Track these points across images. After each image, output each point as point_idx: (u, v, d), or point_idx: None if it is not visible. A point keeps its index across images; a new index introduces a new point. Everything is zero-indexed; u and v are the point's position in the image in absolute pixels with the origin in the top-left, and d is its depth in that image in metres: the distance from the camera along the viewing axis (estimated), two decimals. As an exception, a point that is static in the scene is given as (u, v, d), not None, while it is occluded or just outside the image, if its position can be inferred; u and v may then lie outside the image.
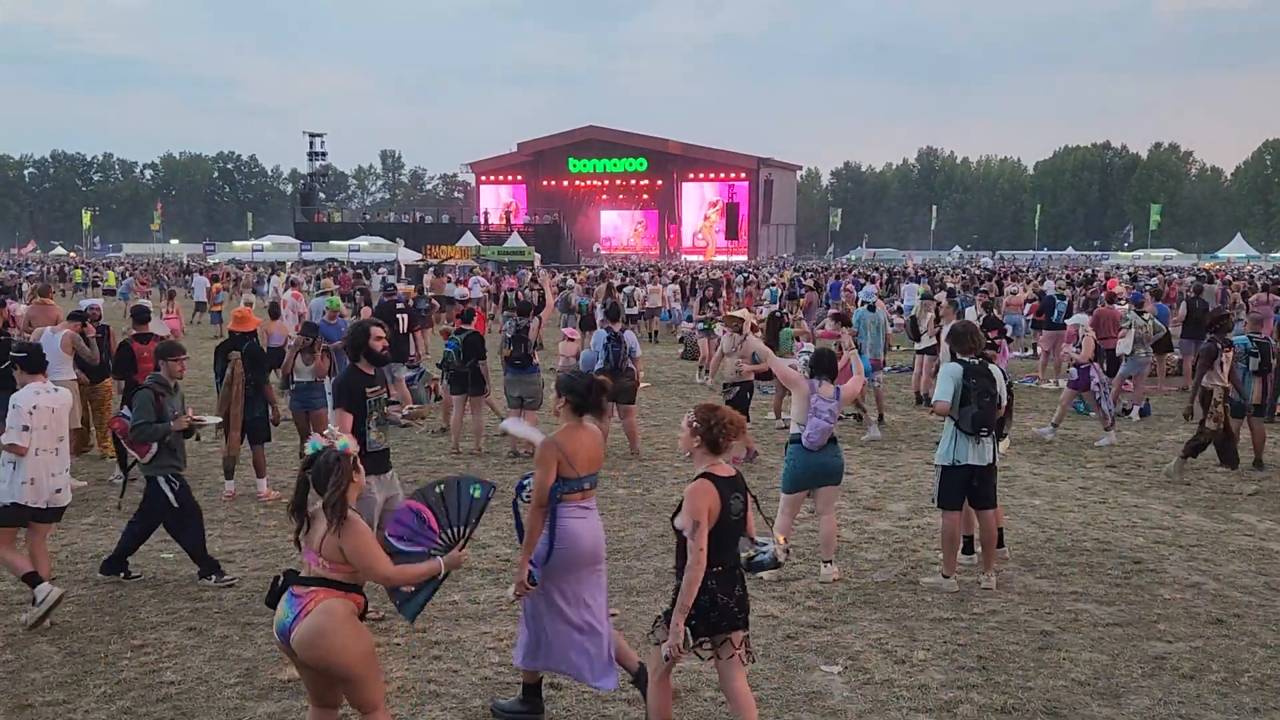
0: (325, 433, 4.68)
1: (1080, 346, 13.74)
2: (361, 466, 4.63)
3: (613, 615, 7.13)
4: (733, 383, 12.39)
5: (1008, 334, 16.57)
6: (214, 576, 7.74)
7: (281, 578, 4.55)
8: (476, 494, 4.94)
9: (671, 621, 4.68)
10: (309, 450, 4.59)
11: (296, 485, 4.58)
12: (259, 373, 10.45)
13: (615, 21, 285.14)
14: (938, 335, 16.77)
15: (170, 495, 7.69)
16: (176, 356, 8.22)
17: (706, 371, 18.02)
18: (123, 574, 7.81)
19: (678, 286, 34.16)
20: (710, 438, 4.84)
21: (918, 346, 17.28)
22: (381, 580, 4.55)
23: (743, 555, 4.94)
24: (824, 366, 7.94)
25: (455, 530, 4.92)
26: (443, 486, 5.00)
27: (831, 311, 15.64)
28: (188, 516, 7.78)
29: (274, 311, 16.17)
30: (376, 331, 7.11)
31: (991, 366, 7.73)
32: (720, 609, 4.73)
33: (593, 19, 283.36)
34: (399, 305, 15.11)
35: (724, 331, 13.21)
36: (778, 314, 19.53)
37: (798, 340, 16.62)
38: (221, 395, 10.24)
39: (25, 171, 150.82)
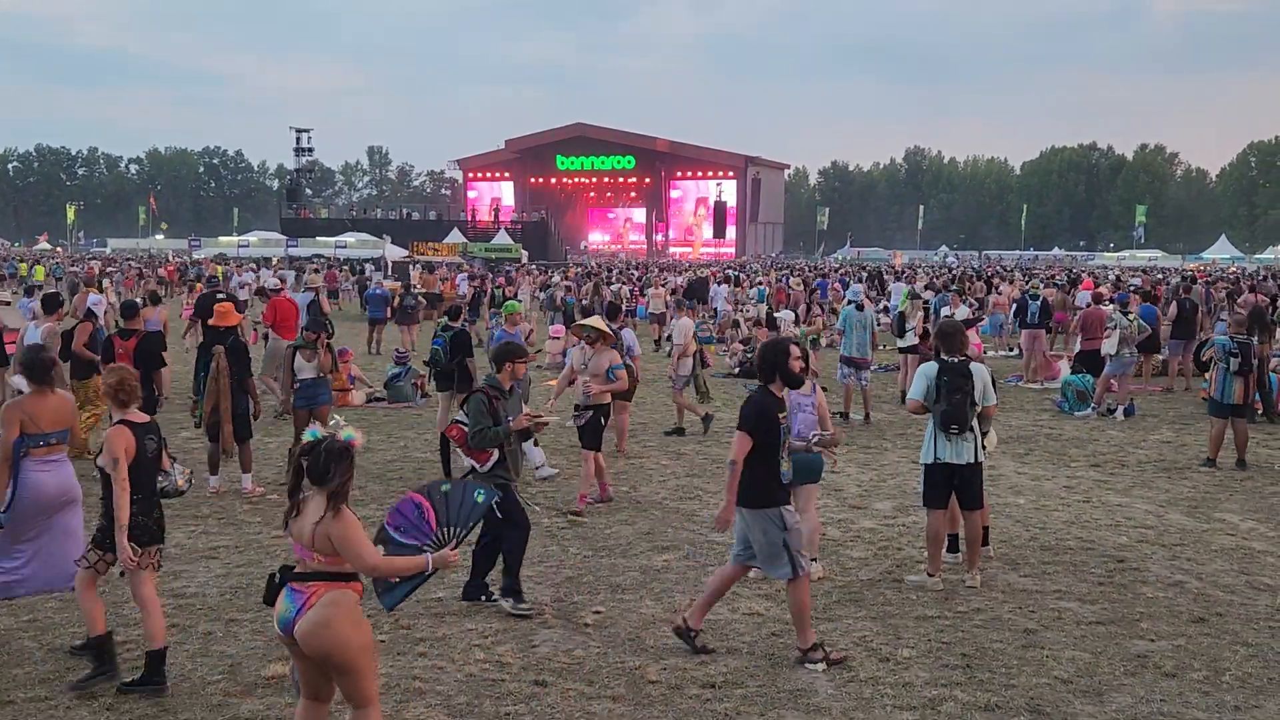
0: (330, 423, 4.67)
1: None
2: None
3: (597, 613, 7.14)
4: (585, 405, 9.99)
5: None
6: (511, 600, 7.07)
7: (278, 574, 4.55)
8: (480, 499, 5.03)
9: (117, 541, 5.68)
10: (308, 437, 4.57)
11: (293, 470, 4.60)
12: (242, 368, 10.38)
13: (605, 19, 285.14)
14: (923, 334, 16.89)
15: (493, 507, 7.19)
16: (520, 358, 7.73)
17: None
18: (484, 597, 7.24)
19: (729, 286, 32.08)
20: (118, 399, 5.93)
21: (900, 344, 17.37)
22: (368, 570, 4.56)
23: (158, 484, 6.04)
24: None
25: (450, 530, 4.95)
26: (448, 486, 5.09)
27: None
28: (514, 529, 7.27)
29: (154, 298, 16.77)
30: (795, 350, 6.52)
31: (973, 365, 7.76)
32: (142, 527, 5.80)
33: (582, 17, 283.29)
34: (219, 296, 15.82)
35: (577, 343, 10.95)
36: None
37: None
38: (209, 390, 10.20)
39: (9, 165, 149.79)
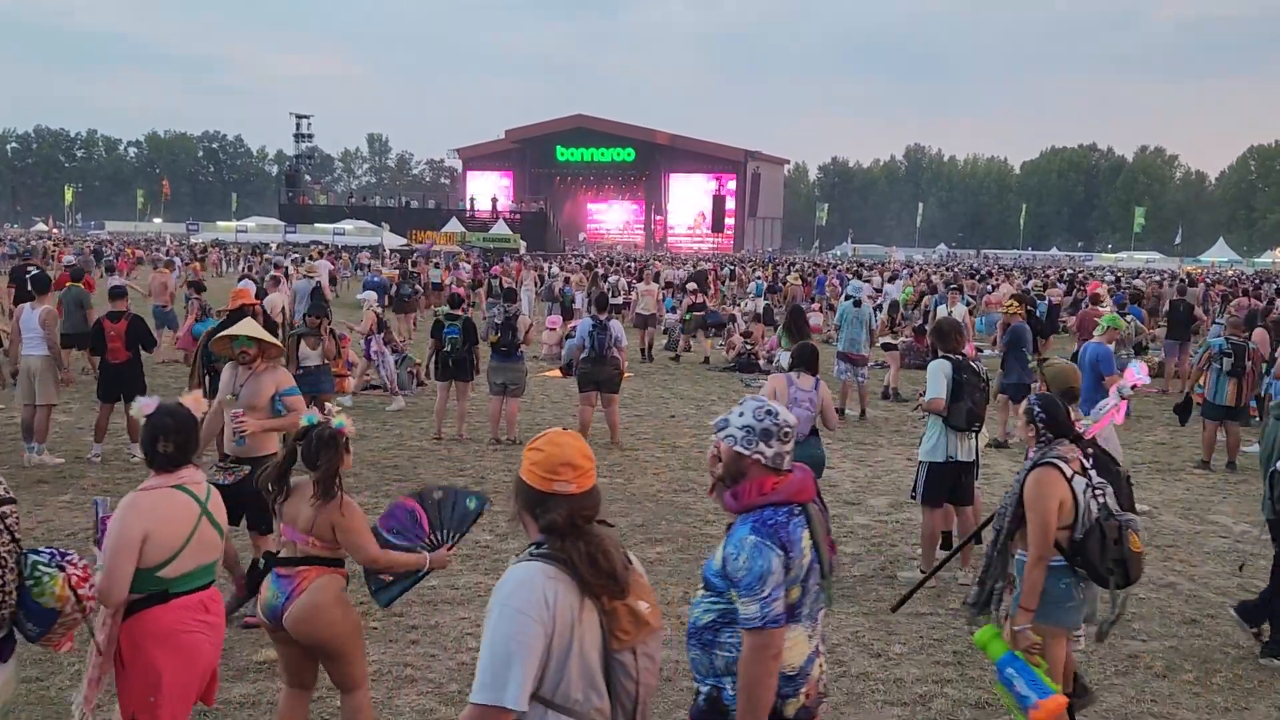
0: (326, 410, 4.71)
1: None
2: (351, 448, 4.61)
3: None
4: (236, 459, 6.69)
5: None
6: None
7: (262, 561, 4.60)
8: (471, 505, 4.96)
9: None
10: (303, 423, 4.60)
11: (284, 454, 4.61)
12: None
13: (606, 11, 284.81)
14: (914, 332, 17.07)
15: None
16: None
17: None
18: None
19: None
20: None
21: (883, 340, 17.49)
22: (368, 562, 4.55)
23: None
24: (805, 359, 7.99)
25: (445, 534, 4.91)
26: (440, 493, 5.00)
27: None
28: None
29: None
30: None
31: (974, 362, 7.77)
32: None
33: (584, 8, 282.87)
34: (29, 270, 16.74)
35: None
36: (799, 306, 19.51)
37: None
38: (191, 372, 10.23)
39: (8, 146, 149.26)
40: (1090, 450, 5.03)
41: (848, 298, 16.37)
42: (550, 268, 39.34)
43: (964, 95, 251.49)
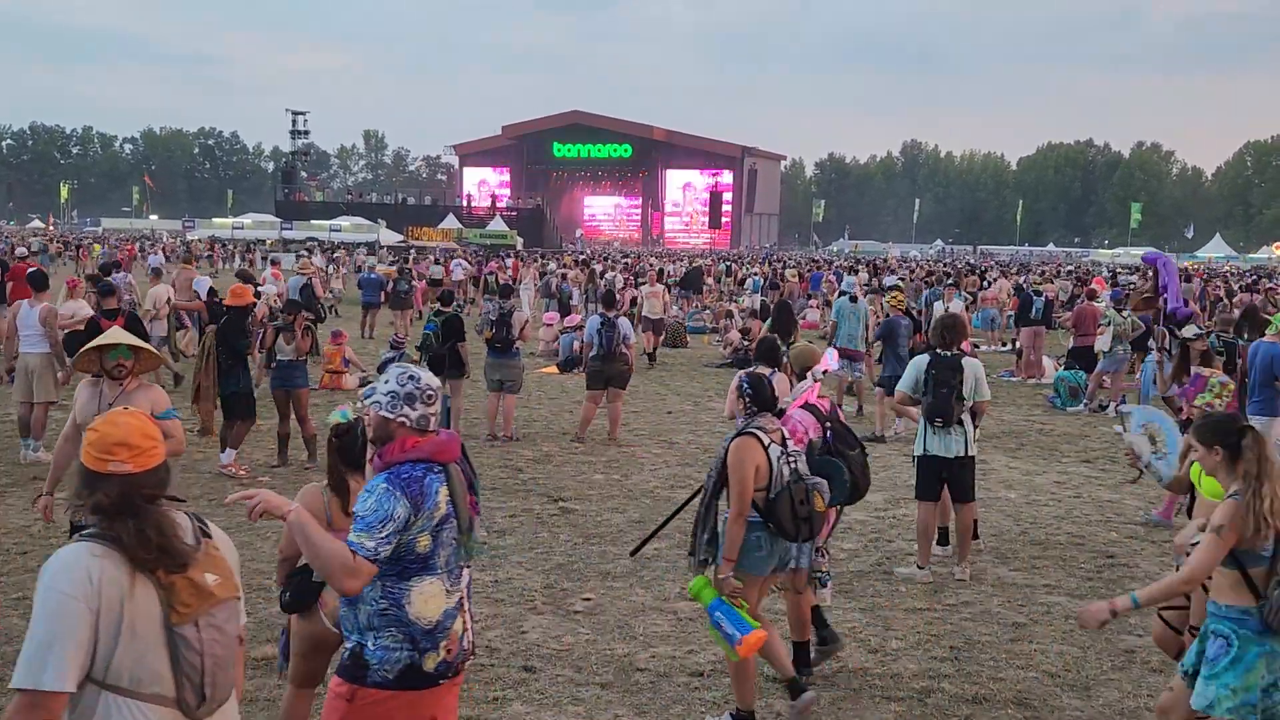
0: (358, 405, 4.59)
1: None
2: None
3: (587, 600, 7.14)
4: None
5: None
6: None
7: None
8: None
9: None
10: (337, 418, 4.48)
11: (329, 455, 4.53)
12: (234, 347, 10.33)
13: (603, 7, 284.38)
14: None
15: None
16: None
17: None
18: None
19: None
20: None
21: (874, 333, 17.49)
22: None
23: None
24: (763, 352, 8.02)
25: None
26: None
27: None
28: None
29: None
30: None
31: (965, 360, 7.77)
32: None
33: (582, 6, 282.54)
34: None
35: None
36: (786, 301, 19.47)
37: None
38: (194, 368, 10.21)
39: (3, 143, 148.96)
40: (829, 425, 5.82)
41: (842, 294, 16.35)
42: (548, 264, 39.31)
43: (961, 91, 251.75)
